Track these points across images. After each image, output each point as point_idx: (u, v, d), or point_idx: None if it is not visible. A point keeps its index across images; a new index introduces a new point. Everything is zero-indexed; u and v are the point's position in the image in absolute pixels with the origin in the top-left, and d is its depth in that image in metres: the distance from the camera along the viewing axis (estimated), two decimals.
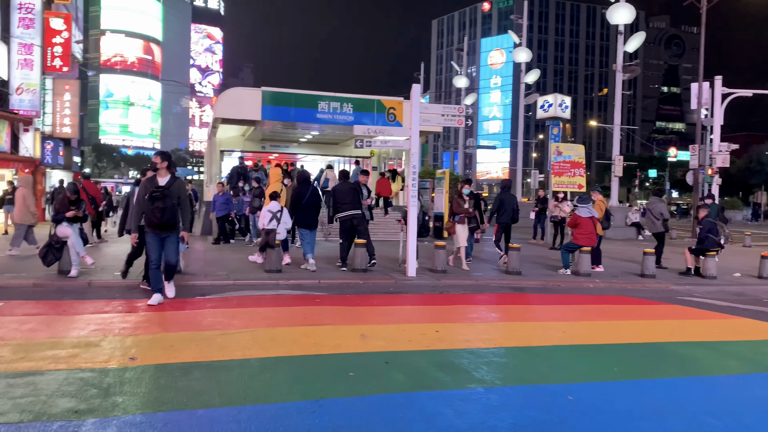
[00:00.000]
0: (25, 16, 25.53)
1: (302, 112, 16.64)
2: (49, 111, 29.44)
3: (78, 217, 9.33)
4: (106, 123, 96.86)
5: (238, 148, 22.12)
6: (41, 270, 9.17)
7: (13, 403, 3.70)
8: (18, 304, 6.98)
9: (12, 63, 25.41)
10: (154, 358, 4.85)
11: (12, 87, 25.51)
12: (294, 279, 9.36)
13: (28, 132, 26.71)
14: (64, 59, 27.33)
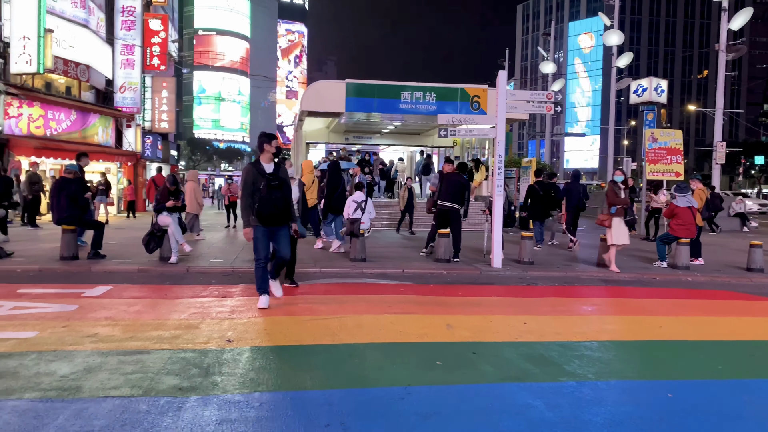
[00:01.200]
0: (127, 19, 27.18)
1: (385, 102, 16.74)
2: (148, 107, 31.32)
3: (177, 207, 9.87)
4: (200, 118, 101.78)
5: (323, 139, 22.59)
6: (145, 256, 9.81)
7: (125, 379, 3.98)
8: (125, 287, 7.51)
9: (116, 63, 27.17)
10: (248, 340, 5.06)
11: (116, 86, 27.30)
12: (378, 268, 9.46)
13: (130, 127, 28.55)
14: (162, 58, 28.90)
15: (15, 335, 4.95)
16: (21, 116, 21.18)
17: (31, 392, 3.67)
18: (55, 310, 5.97)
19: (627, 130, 66.02)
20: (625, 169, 33.67)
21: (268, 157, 6.19)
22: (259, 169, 6.11)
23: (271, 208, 6.00)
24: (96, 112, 25.22)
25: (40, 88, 22.79)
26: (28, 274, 8.34)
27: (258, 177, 6.06)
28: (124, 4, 27.05)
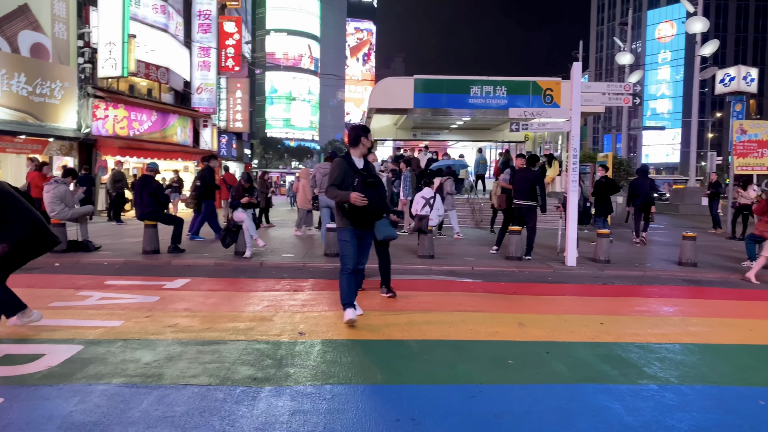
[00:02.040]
0: (204, 22, 28.24)
1: (454, 97, 16.60)
2: (223, 108, 32.44)
3: (251, 203, 10.16)
4: (271, 117, 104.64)
5: (391, 136, 22.68)
6: (221, 251, 10.16)
7: (203, 368, 4.12)
8: (202, 280, 7.80)
9: (193, 65, 28.30)
10: (320, 334, 5.13)
11: (193, 87, 28.44)
12: (447, 265, 9.39)
13: (206, 127, 29.67)
14: (236, 59, 29.85)
15: (103, 324, 5.24)
16: (107, 118, 22.44)
17: (118, 378, 3.87)
18: (138, 301, 6.28)
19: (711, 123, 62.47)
20: (710, 164, 31.92)
21: (362, 151, 5.56)
22: (351, 163, 5.42)
23: (366, 208, 5.24)
24: (175, 112, 26.39)
25: (124, 90, 24.08)
26: (114, 267, 8.82)
27: (350, 173, 5.34)
28: (201, 8, 28.11)
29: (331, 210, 10.65)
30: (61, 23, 20.65)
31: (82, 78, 21.42)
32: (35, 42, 19.78)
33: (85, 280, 7.53)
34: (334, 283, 7.73)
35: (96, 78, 21.80)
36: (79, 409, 3.33)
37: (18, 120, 19.15)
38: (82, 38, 21.44)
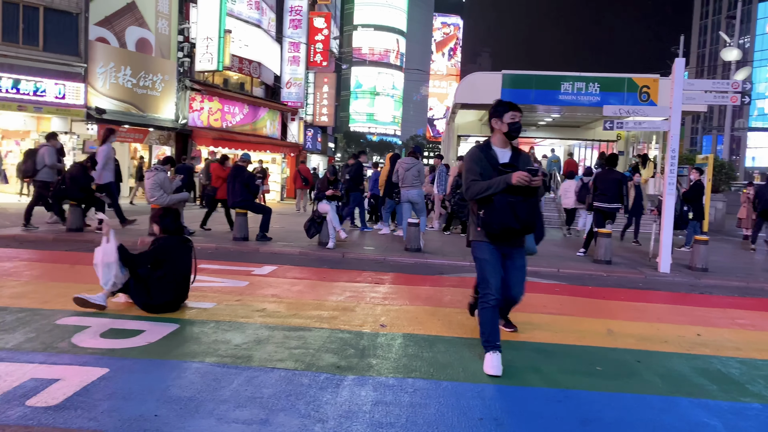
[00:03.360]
0: (295, 18, 28.99)
1: (543, 94, 16.15)
2: (310, 102, 33.22)
3: (336, 195, 10.35)
4: (355, 112, 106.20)
5: (475, 132, 22.39)
6: (305, 241, 10.43)
7: (289, 353, 4.25)
8: (288, 268, 8.04)
9: (283, 60, 29.14)
10: (401, 327, 5.15)
11: (283, 81, 29.29)
12: (531, 266, 9.12)
13: (294, 121, 30.50)
14: (324, 54, 30.45)
15: (197, 305, 5.51)
16: (202, 110, 23.56)
17: (211, 357, 4.06)
18: (229, 285, 6.56)
19: None
20: None
21: (503, 139, 4.16)
22: (490, 156, 4.10)
23: (508, 217, 3.90)
24: (265, 106, 27.31)
25: (218, 84, 25.18)
26: (206, 252, 9.26)
27: (488, 169, 4.04)
28: (293, 4, 28.88)
29: (412, 205, 10.67)
30: (164, 19, 21.85)
31: (181, 71, 22.60)
32: (140, 37, 21.07)
33: None
34: (414, 278, 7.81)
35: (193, 71, 22.93)
36: (176, 384, 3.52)
37: (123, 110, 20.49)
38: (182, 33, 22.60)
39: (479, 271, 4.21)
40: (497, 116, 4.14)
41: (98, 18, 19.55)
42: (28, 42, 18.36)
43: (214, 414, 3.13)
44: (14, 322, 4.60)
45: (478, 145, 4.29)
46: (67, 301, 5.20)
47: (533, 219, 4.02)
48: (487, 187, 3.95)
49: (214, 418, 3.08)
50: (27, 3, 18.24)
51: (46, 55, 18.51)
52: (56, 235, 10.06)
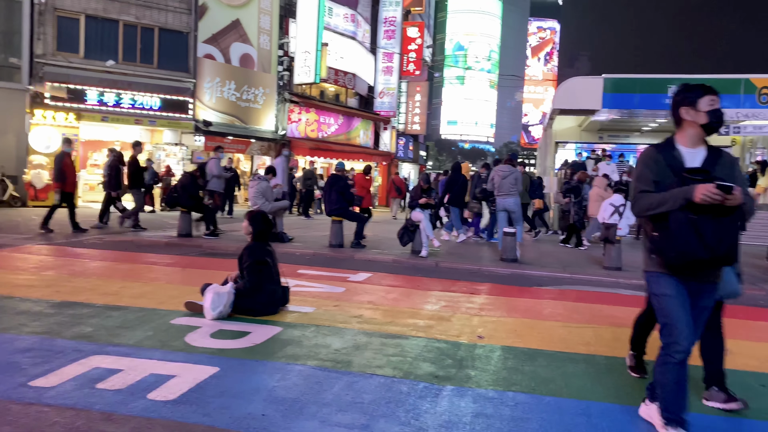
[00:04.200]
0: (389, 29, 29.41)
1: (648, 98, 15.36)
2: (402, 111, 33.51)
3: (429, 204, 10.36)
4: (447, 119, 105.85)
5: (574, 139, 21.65)
6: (399, 249, 10.51)
7: (387, 360, 4.28)
8: (383, 275, 8.13)
9: (377, 70, 29.61)
10: (499, 339, 5.05)
11: (376, 91, 29.77)
12: (637, 279, 8.69)
13: (386, 130, 30.89)
14: (417, 63, 30.64)
15: (298, 309, 5.69)
16: (300, 121, 24.42)
17: (312, 360, 4.17)
18: (327, 291, 6.73)
19: None
20: None
21: (696, 134, 3.12)
22: (673, 157, 3.12)
23: (691, 243, 2.87)
24: (358, 116, 27.89)
25: (315, 96, 26.01)
26: (304, 257, 9.56)
27: (668, 175, 3.06)
28: (387, 15, 29.32)
29: (509, 214, 10.47)
30: (265, 35, 22.91)
31: (280, 84, 23.58)
32: (244, 53, 22.21)
33: (282, 268, 8.19)
34: (511, 289, 7.64)
35: (292, 84, 23.84)
36: (281, 386, 3.64)
37: (227, 122, 21.66)
38: (282, 48, 23.59)
39: (659, 312, 3.17)
40: (688, 104, 3.10)
41: (206, 36, 20.82)
42: (144, 61, 19.89)
43: (317, 416, 3.21)
44: (135, 321, 4.96)
45: (656, 144, 3.26)
46: (180, 303, 5.54)
47: (730, 245, 2.88)
48: (659, 203, 2.95)
49: (318, 421, 3.15)
50: (144, 25, 19.77)
51: (159, 72, 19.96)
52: (168, 239, 10.76)
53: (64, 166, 11.04)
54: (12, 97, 17.55)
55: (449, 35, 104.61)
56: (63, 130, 18.51)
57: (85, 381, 3.51)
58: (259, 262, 5.43)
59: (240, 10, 21.85)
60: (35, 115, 17.87)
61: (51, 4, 18.19)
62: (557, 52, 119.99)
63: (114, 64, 19.07)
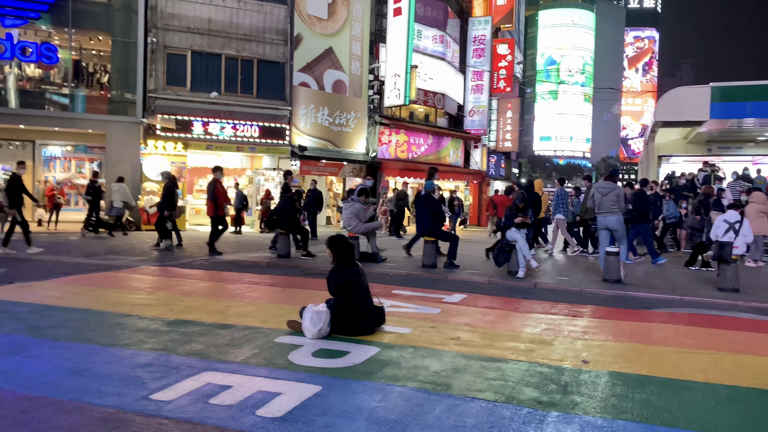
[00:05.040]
0: (478, 47, 29.32)
1: (762, 106, 14.25)
2: (493, 128, 33.15)
3: (525, 223, 10.12)
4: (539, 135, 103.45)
5: (679, 152, 20.44)
6: (493, 269, 10.33)
7: (488, 384, 4.19)
8: (478, 297, 8.00)
9: (466, 89, 29.55)
10: (606, 364, 4.81)
11: (466, 110, 29.68)
12: (757, 302, 8.02)
13: (477, 148, 30.66)
14: (508, 80, 30.29)
15: (394, 330, 5.72)
16: (390, 143, 24.77)
17: (411, 382, 4.16)
18: (422, 312, 6.71)
19: None
20: None
21: None
22: None
23: None
24: (448, 135, 27.90)
25: (405, 117, 26.34)
26: (398, 278, 9.61)
27: None
28: (476, 34, 29.29)
29: (610, 232, 10.03)
30: (357, 61, 23.55)
31: (371, 108, 24.09)
32: (336, 79, 22.93)
33: (376, 288, 8.27)
34: (615, 311, 7.29)
35: (382, 107, 24.29)
36: (382, 406, 3.66)
37: (320, 147, 22.37)
38: (372, 72, 24.14)
39: None
40: None
41: (301, 65, 21.72)
42: (244, 91, 21.04)
43: None
44: (241, 339, 5.19)
45: None
46: (282, 322, 5.74)
47: None
48: None
49: None
50: (244, 57, 20.95)
51: (258, 102, 21.03)
52: (269, 260, 11.21)
53: (217, 192, 11.78)
54: (128, 130, 19.11)
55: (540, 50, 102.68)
56: (172, 159, 19.92)
57: (199, 396, 3.70)
58: (344, 283, 5.50)
59: (333, 38, 22.64)
60: (148, 145, 19.35)
61: (161, 43, 19.73)
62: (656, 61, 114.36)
63: (217, 96, 20.31)
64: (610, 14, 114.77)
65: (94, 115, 19.19)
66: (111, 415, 3.37)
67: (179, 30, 19.97)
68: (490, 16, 29.53)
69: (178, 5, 19.92)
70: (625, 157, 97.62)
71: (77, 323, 5.70)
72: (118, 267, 9.85)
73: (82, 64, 20.09)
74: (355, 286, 5.56)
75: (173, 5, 19.85)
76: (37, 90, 19.39)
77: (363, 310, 5.53)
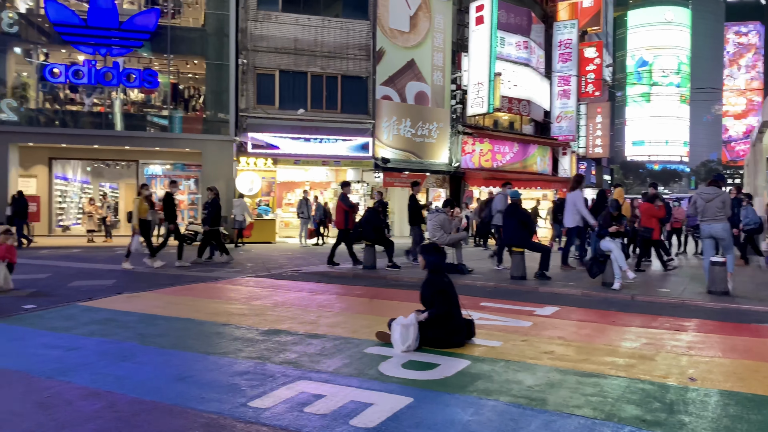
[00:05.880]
0: (564, 51, 28.54)
1: None
2: (582, 134, 32.07)
3: (620, 232, 9.66)
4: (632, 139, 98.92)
5: None
6: (587, 281, 9.92)
7: (586, 400, 4.01)
8: (572, 309, 7.70)
9: (553, 95, 28.80)
10: (715, 382, 4.48)
11: (552, 116, 28.91)
12: None
13: (565, 155, 29.73)
14: (596, 84, 29.25)
15: (484, 342, 5.61)
16: (473, 152, 24.53)
17: (505, 396, 4.05)
18: (512, 325, 6.55)
19: None
20: None
21: None
22: None
23: None
24: (535, 142, 27.25)
25: (488, 126, 26.02)
26: (485, 290, 9.44)
27: None
28: (561, 38, 28.53)
29: (715, 241, 9.37)
30: (438, 71, 23.58)
31: (453, 118, 24.00)
32: (418, 90, 23.06)
33: (464, 300, 8.14)
34: (724, 325, 6.80)
35: (465, 116, 24.13)
36: (475, 420, 3.59)
37: (403, 158, 22.52)
38: (454, 82, 24.07)
39: None
40: None
41: (383, 78, 22.03)
42: (329, 107, 21.61)
43: None
44: (332, 349, 5.27)
45: None
46: (370, 332, 5.78)
47: None
48: None
49: None
50: (328, 74, 21.54)
51: (342, 116, 21.52)
52: (355, 272, 11.36)
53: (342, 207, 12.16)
54: (222, 148, 20.11)
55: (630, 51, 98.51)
56: (263, 174, 20.75)
57: (294, 404, 3.79)
58: (440, 292, 5.47)
59: (414, 50, 22.81)
60: (240, 162, 20.27)
61: (252, 64, 20.67)
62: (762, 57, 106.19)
63: (303, 112, 20.98)
64: (708, 9, 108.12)
65: (191, 134, 20.37)
66: (213, 420, 3.52)
67: (267, 51, 20.86)
68: (576, 20, 28.67)
69: (267, 27, 20.82)
70: (728, 161, 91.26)
71: (179, 332, 6.02)
72: (215, 278, 10.34)
73: (179, 87, 21.43)
74: (449, 296, 5.52)
75: (262, 27, 20.77)
76: (140, 113, 20.87)
77: (454, 322, 5.47)
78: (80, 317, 6.67)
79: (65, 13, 18.80)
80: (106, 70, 18.97)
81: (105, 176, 24.50)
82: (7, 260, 8.65)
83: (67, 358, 4.92)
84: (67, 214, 22.46)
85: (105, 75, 18.95)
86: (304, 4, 21.54)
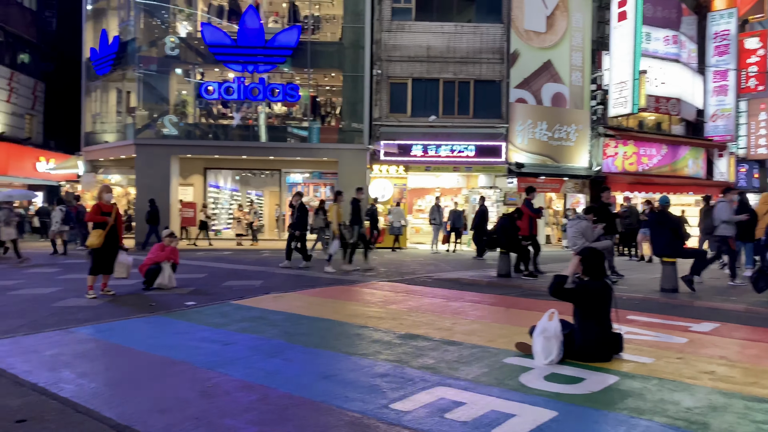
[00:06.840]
0: (720, 44, 26.13)
1: None
2: (742, 134, 29.07)
3: None
4: None
5: None
6: (752, 295, 8.93)
7: (756, 427, 3.59)
8: (734, 327, 6.96)
9: (707, 92, 26.44)
10: None
11: (707, 115, 26.50)
12: None
13: (722, 157, 27.12)
14: (760, 78, 26.43)
15: (633, 358, 5.23)
16: (616, 155, 23.14)
17: (660, 417, 3.74)
18: (665, 341, 6.05)
19: None
20: None
21: None
22: None
23: None
24: (686, 144, 25.14)
25: (633, 127, 24.42)
26: (632, 302, 8.82)
27: None
28: (717, 30, 26.12)
29: None
30: (577, 71, 22.57)
31: (594, 119, 22.81)
32: (555, 92, 22.22)
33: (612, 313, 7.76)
34: None
35: (606, 118, 22.83)
36: None
37: (539, 163, 21.80)
38: (594, 82, 22.88)
39: None
40: None
41: (517, 81, 21.52)
42: (461, 112, 21.52)
43: None
44: (469, 357, 5.21)
45: None
46: (508, 342, 5.64)
47: None
48: None
49: None
50: (461, 79, 21.47)
51: (474, 121, 21.32)
52: (489, 280, 11.17)
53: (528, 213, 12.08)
54: (357, 156, 20.80)
55: None
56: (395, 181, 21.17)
57: (435, 409, 3.79)
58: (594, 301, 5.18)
59: (551, 51, 22.04)
60: (373, 169, 20.83)
61: (385, 73, 21.18)
62: None
63: (435, 119, 21.09)
64: None
65: (328, 144, 21.31)
66: (357, 419, 3.62)
67: (401, 60, 21.27)
68: (735, 8, 26.01)
69: (400, 36, 21.25)
70: None
71: (323, 331, 6.29)
72: (351, 282, 10.69)
73: (317, 99, 22.53)
74: (602, 306, 5.22)
75: (395, 37, 21.23)
76: (282, 125, 22.22)
77: (603, 334, 5.17)
78: (234, 314, 7.21)
79: (218, 35, 20.55)
80: (253, 85, 20.46)
81: (251, 184, 26.35)
82: (171, 261, 9.60)
83: (224, 351, 5.33)
84: (219, 220, 24.47)
85: (252, 90, 20.44)
86: (436, 12, 21.69)
